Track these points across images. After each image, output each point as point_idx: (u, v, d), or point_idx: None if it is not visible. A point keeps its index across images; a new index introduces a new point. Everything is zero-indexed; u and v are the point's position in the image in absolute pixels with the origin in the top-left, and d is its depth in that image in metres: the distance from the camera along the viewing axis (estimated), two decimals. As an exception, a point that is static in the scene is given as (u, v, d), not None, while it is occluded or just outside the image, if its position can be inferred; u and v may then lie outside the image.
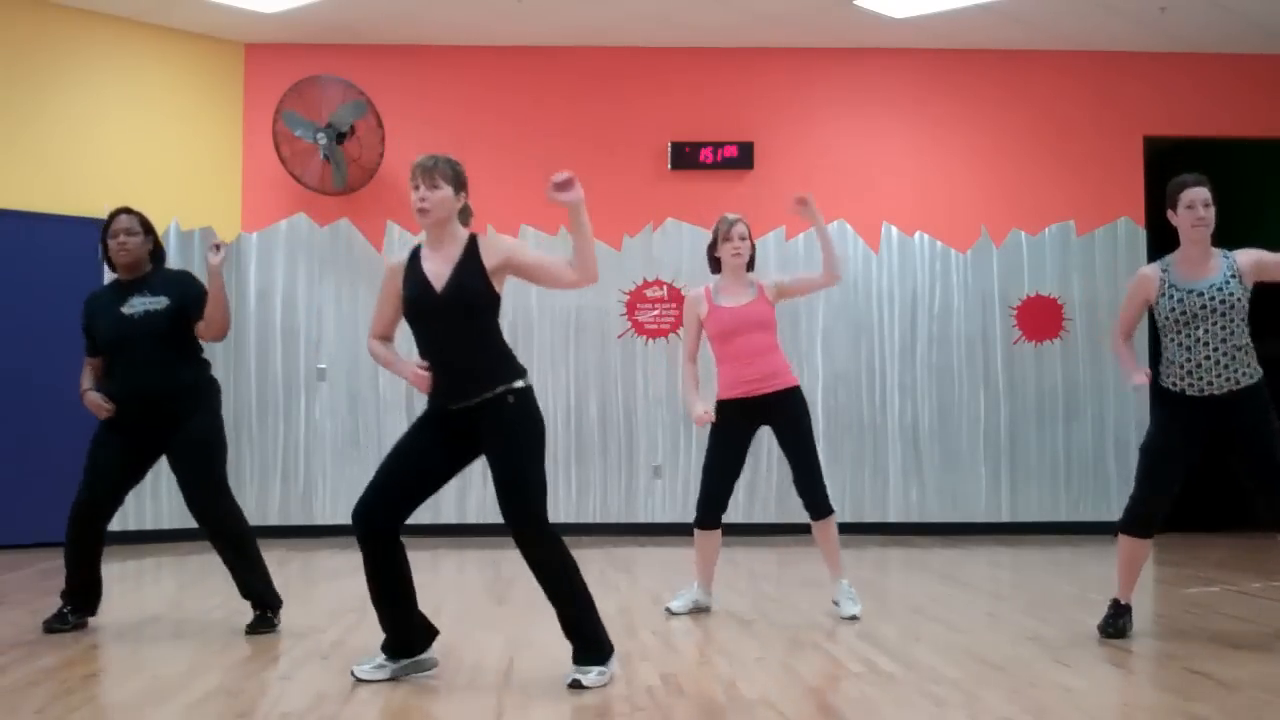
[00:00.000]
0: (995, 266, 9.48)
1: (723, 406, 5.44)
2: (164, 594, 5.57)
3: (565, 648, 4.69)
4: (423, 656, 4.24)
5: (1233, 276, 4.73)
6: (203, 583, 6.77)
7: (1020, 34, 9.17)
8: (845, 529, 9.12)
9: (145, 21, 8.84)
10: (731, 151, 9.34)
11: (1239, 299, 4.72)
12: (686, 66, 9.47)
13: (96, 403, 5.09)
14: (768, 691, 3.99)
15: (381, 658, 4.18)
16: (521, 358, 4.29)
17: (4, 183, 8.27)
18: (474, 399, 4.06)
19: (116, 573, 7.30)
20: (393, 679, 4.14)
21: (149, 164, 8.75)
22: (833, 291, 9.42)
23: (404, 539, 4.17)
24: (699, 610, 5.60)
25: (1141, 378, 4.83)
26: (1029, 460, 9.37)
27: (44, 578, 6.86)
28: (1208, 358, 4.72)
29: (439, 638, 4.32)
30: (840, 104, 9.57)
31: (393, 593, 4.16)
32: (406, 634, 4.20)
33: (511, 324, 9.15)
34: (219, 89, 9.20)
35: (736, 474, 5.50)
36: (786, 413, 5.41)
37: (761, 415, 5.44)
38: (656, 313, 9.31)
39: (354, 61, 9.22)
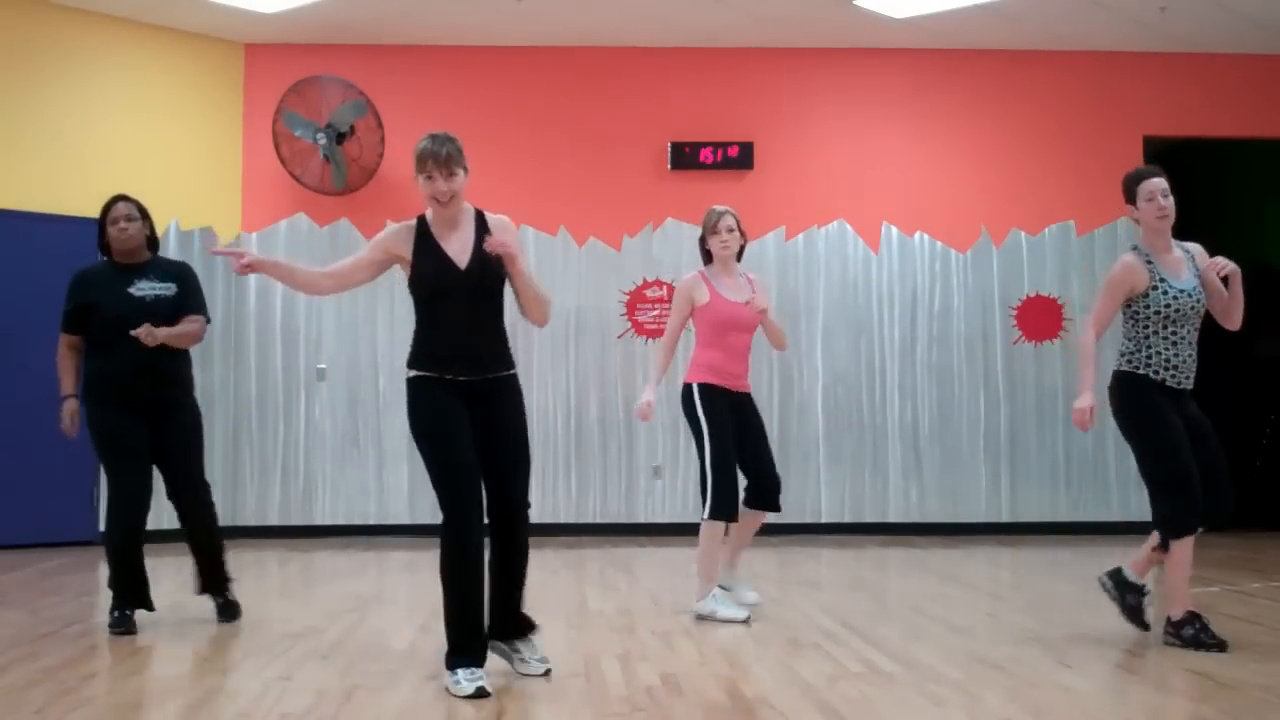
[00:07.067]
0: (995, 266, 9.48)
1: (706, 389, 5.42)
2: (164, 594, 5.56)
3: (565, 648, 4.69)
4: (507, 648, 4.20)
5: (1198, 277, 4.79)
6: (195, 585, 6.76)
7: (1020, 34, 9.17)
8: (845, 529, 9.24)
9: (145, 21, 8.84)
10: (732, 151, 9.34)
11: (1204, 300, 4.80)
12: (686, 66, 9.46)
13: (71, 418, 5.21)
14: (768, 691, 3.99)
15: (473, 670, 3.92)
16: (521, 358, 4.34)
17: (4, 183, 8.27)
18: (486, 374, 4.12)
19: (116, 573, 7.30)
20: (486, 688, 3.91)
21: (149, 164, 8.74)
22: (833, 291, 9.43)
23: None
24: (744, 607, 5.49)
25: (1084, 412, 4.72)
26: (1029, 460, 9.37)
27: (44, 577, 6.86)
28: (1190, 355, 4.76)
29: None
30: (840, 104, 9.57)
31: (480, 584, 4.01)
32: (481, 631, 4.02)
33: (511, 324, 9.08)
34: (219, 89, 9.20)
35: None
36: (750, 411, 5.53)
37: (738, 407, 5.50)
38: (656, 313, 9.30)
39: (354, 61, 9.21)
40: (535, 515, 4.32)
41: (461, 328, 4.10)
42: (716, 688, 4.08)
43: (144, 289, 5.20)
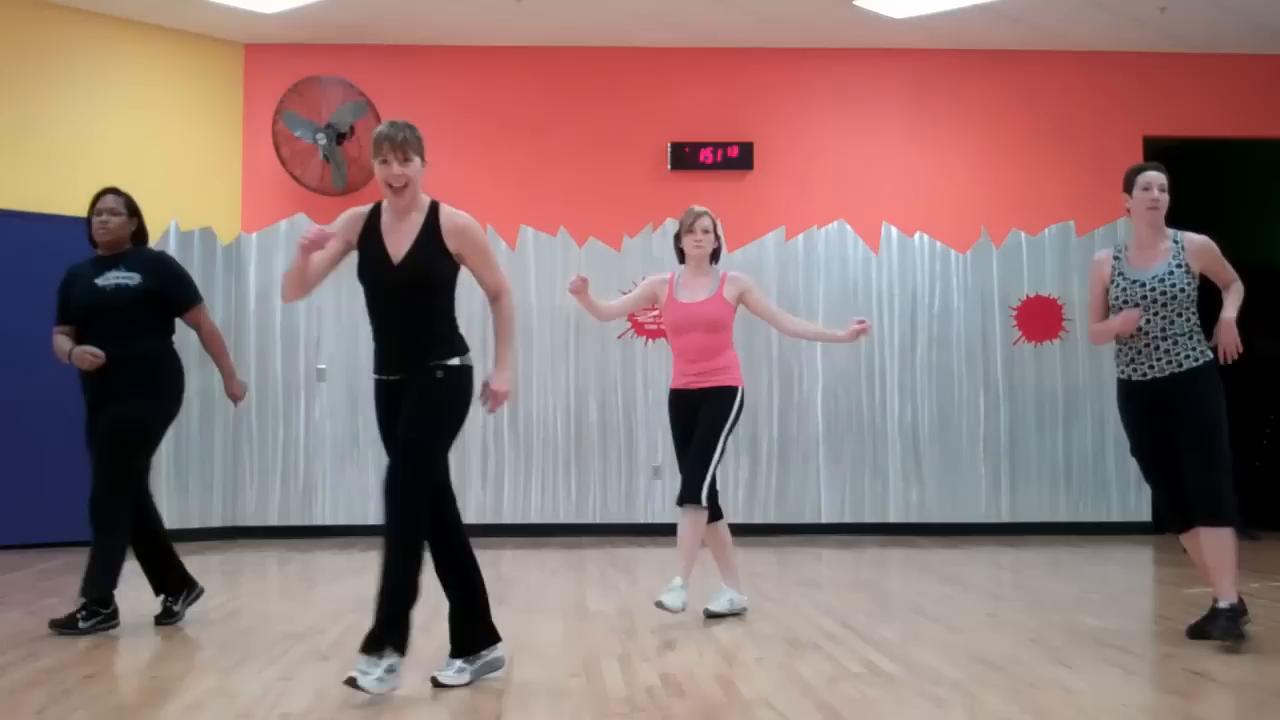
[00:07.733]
0: (995, 267, 9.48)
1: (671, 395, 5.65)
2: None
3: (565, 648, 4.68)
4: (491, 656, 4.16)
5: (1179, 266, 4.74)
6: (202, 583, 6.75)
7: (1020, 34, 9.17)
8: (845, 529, 9.23)
9: (145, 21, 8.84)
10: (732, 152, 9.34)
11: (1182, 288, 4.72)
12: (686, 66, 9.46)
13: (87, 353, 5.05)
14: (768, 691, 3.99)
15: (459, 662, 4.08)
16: (521, 358, 4.29)
17: (4, 183, 8.27)
18: (408, 372, 3.97)
19: (116, 573, 7.29)
20: (471, 681, 4.06)
21: (149, 164, 8.74)
22: (832, 291, 9.43)
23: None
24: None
25: (1135, 313, 4.71)
26: (1029, 460, 9.37)
27: (44, 578, 6.86)
28: (1148, 345, 4.75)
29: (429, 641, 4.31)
30: (840, 104, 9.57)
31: (448, 586, 4.15)
32: (463, 631, 4.13)
33: (511, 324, 9.13)
34: (219, 89, 9.20)
35: None
36: (705, 406, 5.44)
37: (695, 407, 5.49)
38: (656, 313, 9.27)
39: (354, 61, 9.21)
40: (535, 515, 4.33)
41: (393, 323, 3.99)
42: (716, 688, 4.08)
43: (109, 279, 5.17)
